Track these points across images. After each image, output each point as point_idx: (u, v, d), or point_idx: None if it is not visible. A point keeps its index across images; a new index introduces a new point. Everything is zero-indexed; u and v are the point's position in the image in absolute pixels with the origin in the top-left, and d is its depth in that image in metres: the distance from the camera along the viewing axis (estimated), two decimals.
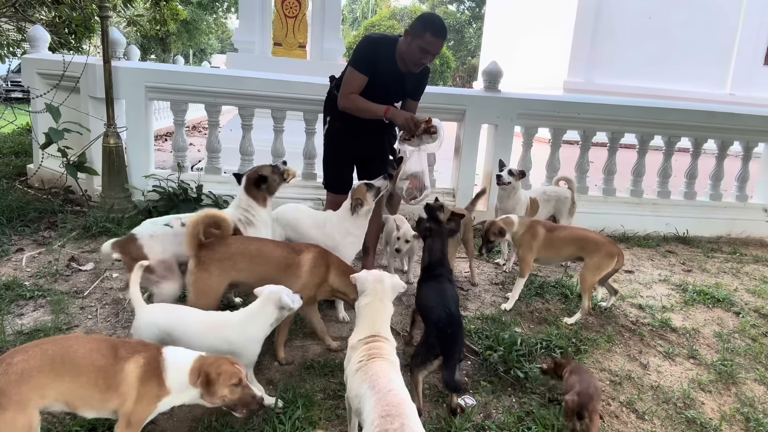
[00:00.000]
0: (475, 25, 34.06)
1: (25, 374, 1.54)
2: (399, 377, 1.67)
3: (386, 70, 3.07)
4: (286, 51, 7.03)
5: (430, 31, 2.91)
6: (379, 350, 1.73)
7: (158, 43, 25.72)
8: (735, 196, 5.50)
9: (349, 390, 1.69)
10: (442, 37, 2.97)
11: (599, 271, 3.12)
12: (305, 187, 4.68)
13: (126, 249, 2.49)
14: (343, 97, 3.07)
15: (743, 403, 2.50)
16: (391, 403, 1.48)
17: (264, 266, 2.39)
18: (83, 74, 4.39)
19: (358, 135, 3.23)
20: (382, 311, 1.89)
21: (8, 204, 4.14)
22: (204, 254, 2.29)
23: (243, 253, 2.37)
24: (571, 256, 3.30)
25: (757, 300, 3.75)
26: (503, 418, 2.19)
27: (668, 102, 5.55)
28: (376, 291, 1.92)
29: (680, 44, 14.26)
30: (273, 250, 2.44)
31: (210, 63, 31.72)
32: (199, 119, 12.64)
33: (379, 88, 3.09)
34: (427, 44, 2.93)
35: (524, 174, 4.01)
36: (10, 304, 2.80)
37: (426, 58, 3.01)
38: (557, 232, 3.26)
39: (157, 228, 2.58)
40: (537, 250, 3.22)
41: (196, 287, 2.29)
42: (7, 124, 5.26)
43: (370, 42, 3.12)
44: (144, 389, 1.67)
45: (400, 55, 3.06)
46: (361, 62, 3.03)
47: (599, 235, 3.28)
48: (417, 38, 2.93)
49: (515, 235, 3.25)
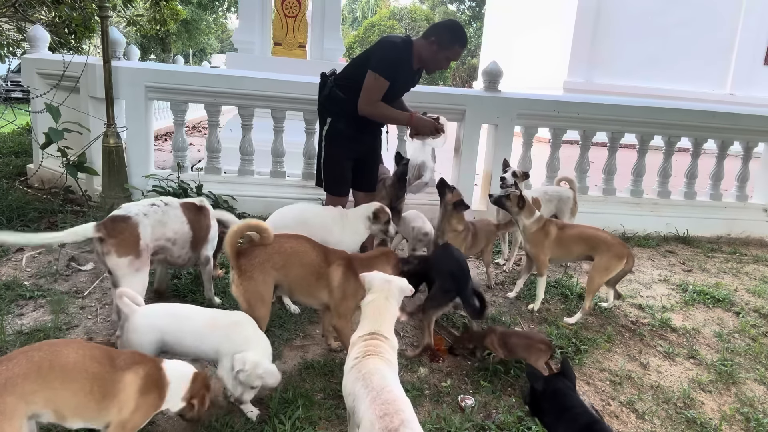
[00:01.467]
0: (475, 25, 34.06)
1: (9, 383, 1.47)
2: (394, 376, 1.65)
3: (405, 73, 3.18)
4: (286, 51, 7.03)
5: (458, 43, 3.13)
6: (376, 348, 1.72)
7: (158, 43, 25.72)
8: (735, 196, 5.50)
9: (344, 387, 1.70)
10: (465, 47, 3.23)
11: (607, 273, 3.10)
12: (305, 187, 4.68)
13: (115, 231, 2.33)
14: (369, 103, 3.09)
15: (743, 403, 2.50)
16: (387, 401, 1.48)
17: (299, 268, 2.37)
18: (83, 74, 4.39)
19: (359, 137, 3.26)
20: (386, 310, 1.89)
21: (8, 204, 4.14)
22: (244, 262, 2.24)
23: (280, 251, 2.34)
24: (582, 255, 3.27)
25: (757, 300, 3.75)
26: (503, 418, 2.18)
27: (668, 102, 5.55)
28: (383, 289, 1.93)
29: (680, 44, 14.25)
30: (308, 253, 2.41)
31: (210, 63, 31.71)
32: (199, 119, 12.64)
33: (397, 90, 3.19)
34: (455, 55, 3.16)
35: (528, 175, 4.01)
36: (10, 304, 2.79)
37: (446, 65, 3.25)
38: (568, 231, 3.24)
39: (147, 208, 2.50)
40: (550, 248, 3.20)
41: (248, 297, 2.24)
42: (7, 124, 5.26)
43: (397, 52, 3.11)
44: (143, 400, 1.66)
45: (418, 57, 3.17)
46: (388, 71, 3.06)
47: (610, 236, 3.24)
48: (445, 49, 3.12)
49: (527, 232, 3.23)
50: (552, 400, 1.73)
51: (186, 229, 2.65)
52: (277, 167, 4.75)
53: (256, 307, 2.25)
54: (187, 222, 2.66)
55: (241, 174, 4.75)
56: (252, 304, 2.24)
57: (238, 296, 2.25)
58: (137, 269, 2.38)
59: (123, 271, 2.34)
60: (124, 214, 2.42)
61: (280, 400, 2.12)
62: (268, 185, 4.72)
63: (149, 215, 2.48)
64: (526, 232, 3.23)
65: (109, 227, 2.34)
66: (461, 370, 2.56)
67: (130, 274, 2.36)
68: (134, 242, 2.38)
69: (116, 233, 2.33)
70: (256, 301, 2.25)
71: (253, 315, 2.21)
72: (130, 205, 2.52)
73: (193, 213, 2.72)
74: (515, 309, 3.27)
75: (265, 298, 2.28)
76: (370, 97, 3.07)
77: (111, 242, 2.32)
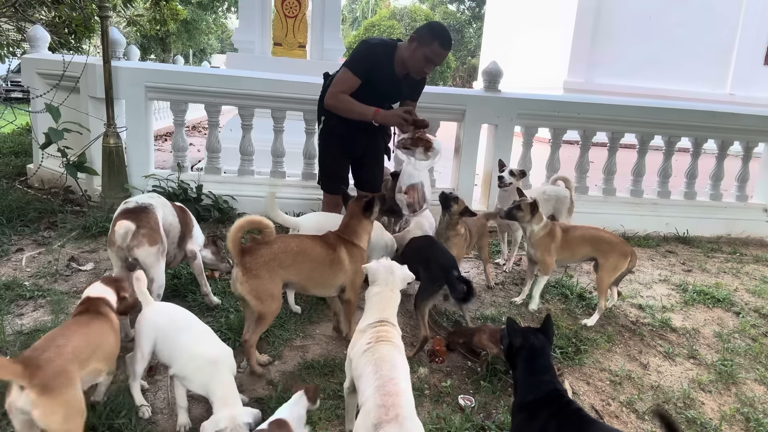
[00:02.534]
0: (475, 25, 34.07)
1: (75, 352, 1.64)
2: (404, 361, 1.71)
3: (384, 76, 3.05)
4: (286, 51, 7.03)
5: (438, 41, 2.93)
6: (387, 334, 1.78)
7: (158, 43, 25.74)
8: (735, 196, 5.50)
9: (354, 369, 1.73)
10: (448, 49, 3.00)
11: (615, 272, 3.12)
12: (305, 188, 4.68)
13: (143, 220, 2.37)
14: (332, 96, 3.03)
15: (743, 403, 2.50)
16: (390, 392, 1.51)
17: (310, 263, 2.40)
18: (83, 74, 4.39)
19: (353, 134, 3.21)
20: (392, 300, 1.95)
21: (8, 204, 4.14)
22: (249, 260, 2.23)
23: (286, 251, 2.34)
24: (586, 257, 3.27)
25: (757, 300, 3.75)
26: (503, 418, 2.18)
27: (668, 102, 5.55)
28: (388, 281, 1.97)
29: (680, 44, 14.26)
30: (313, 247, 2.45)
31: (210, 63, 31.73)
32: (199, 119, 12.64)
33: (377, 94, 3.06)
34: (434, 54, 2.96)
35: (525, 174, 4.01)
36: (10, 304, 2.79)
37: (429, 68, 3.05)
38: (572, 233, 3.23)
39: (152, 198, 2.57)
40: (556, 251, 3.18)
41: (256, 294, 2.23)
42: (7, 124, 5.26)
43: (368, 47, 3.08)
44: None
45: (400, 60, 3.04)
46: (357, 65, 3.01)
47: (613, 235, 3.28)
48: (424, 47, 2.94)
49: (534, 237, 3.19)
50: (525, 360, 1.81)
51: (176, 222, 2.71)
52: (277, 167, 4.75)
53: (266, 303, 2.26)
54: (177, 216, 2.73)
55: (241, 174, 4.75)
56: (263, 300, 2.25)
57: (245, 294, 2.23)
58: (163, 254, 2.47)
59: (152, 259, 2.40)
60: (141, 204, 2.47)
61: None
62: (268, 185, 4.71)
63: (158, 205, 2.55)
64: (533, 238, 3.19)
65: (134, 220, 2.35)
66: (461, 370, 2.56)
67: (159, 261, 2.44)
68: (158, 229, 2.44)
69: (144, 223, 2.38)
70: (266, 298, 2.26)
71: (265, 310, 2.25)
72: (135, 198, 2.56)
73: (178, 209, 2.79)
74: (515, 309, 3.26)
75: (275, 294, 2.29)
76: (334, 90, 3.03)
77: (142, 232, 2.36)
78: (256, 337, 2.32)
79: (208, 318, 2.81)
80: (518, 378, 1.83)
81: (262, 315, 2.27)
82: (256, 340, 2.32)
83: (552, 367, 1.83)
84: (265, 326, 2.32)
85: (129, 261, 2.44)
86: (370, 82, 3.02)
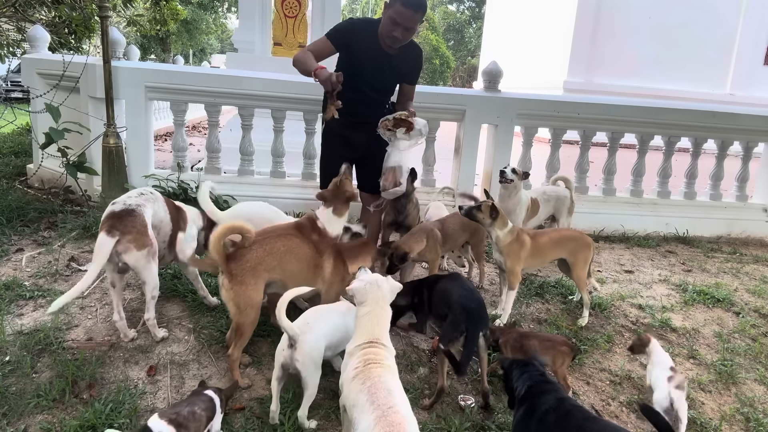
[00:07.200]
0: (475, 25, 34.08)
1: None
2: (398, 385, 1.62)
3: (368, 49, 3.01)
4: (286, 51, 7.02)
5: (401, 0, 2.82)
6: (376, 356, 1.69)
7: (158, 43, 25.75)
8: (735, 196, 5.50)
9: (346, 397, 1.65)
10: (412, 9, 2.82)
11: (586, 264, 3.16)
12: (305, 188, 4.68)
13: (127, 226, 2.34)
14: (300, 51, 3.05)
15: (743, 403, 2.50)
16: (393, 422, 1.42)
17: (296, 264, 2.38)
18: (83, 74, 4.39)
19: (351, 136, 3.22)
20: (382, 317, 1.85)
21: (8, 204, 4.14)
22: (234, 266, 2.20)
23: (272, 253, 2.32)
24: (554, 259, 3.21)
25: (757, 300, 3.75)
26: (503, 418, 2.18)
27: (668, 102, 5.55)
28: (377, 299, 1.86)
29: (680, 44, 14.24)
30: (301, 247, 2.42)
31: (210, 63, 31.75)
32: (199, 119, 12.64)
33: (360, 67, 3.03)
34: (397, 14, 2.82)
35: (528, 175, 3.97)
36: (10, 304, 2.79)
37: (396, 31, 2.88)
38: (539, 238, 3.12)
39: (140, 197, 2.52)
40: (525, 259, 3.05)
41: (238, 302, 2.20)
42: (7, 124, 5.26)
43: (349, 21, 3.22)
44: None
45: (381, 32, 3.00)
46: (334, 34, 3.05)
47: (573, 231, 3.41)
48: (389, 8, 2.88)
49: (500, 243, 2.97)
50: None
51: (168, 219, 2.66)
52: (277, 167, 4.75)
53: (246, 312, 2.22)
54: (168, 213, 2.68)
55: (241, 174, 4.75)
56: (242, 309, 2.21)
57: (228, 301, 2.21)
58: (153, 256, 2.45)
59: (142, 263, 2.40)
60: (126, 207, 2.43)
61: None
62: (268, 185, 4.71)
63: (146, 203, 2.51)
64: (500, 244, 2.97)
65: (119, 227, 2.34)
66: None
67: (150, 263, 2.43)
68: (145, 232, 2.41)
69: (129, 229, 2.35)
70: (246, 306, 2.22)
71: (243, 320, 2.21)
72: (123, 198, 2.52)
73: (172, 207, 2.73)
74: (515, 309, 3.25)
75: (255, 303, 2.25)
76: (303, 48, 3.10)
77: (128, 238, 2.34)
78: (239, 352, 2.27)
79: (208, 318, 2.81)
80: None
81: (239, 325, 2.23)
82: (238, 355, 2.27)
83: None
84: (245, 338, 2.26)
85: (120, 265, 2.43)
86: (352, 55, 3.03)
